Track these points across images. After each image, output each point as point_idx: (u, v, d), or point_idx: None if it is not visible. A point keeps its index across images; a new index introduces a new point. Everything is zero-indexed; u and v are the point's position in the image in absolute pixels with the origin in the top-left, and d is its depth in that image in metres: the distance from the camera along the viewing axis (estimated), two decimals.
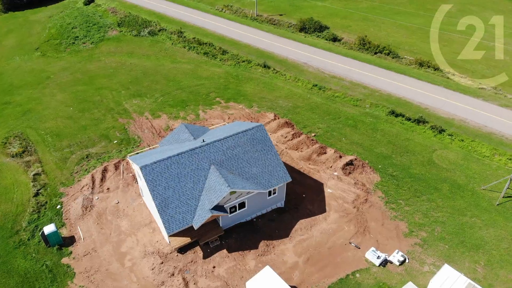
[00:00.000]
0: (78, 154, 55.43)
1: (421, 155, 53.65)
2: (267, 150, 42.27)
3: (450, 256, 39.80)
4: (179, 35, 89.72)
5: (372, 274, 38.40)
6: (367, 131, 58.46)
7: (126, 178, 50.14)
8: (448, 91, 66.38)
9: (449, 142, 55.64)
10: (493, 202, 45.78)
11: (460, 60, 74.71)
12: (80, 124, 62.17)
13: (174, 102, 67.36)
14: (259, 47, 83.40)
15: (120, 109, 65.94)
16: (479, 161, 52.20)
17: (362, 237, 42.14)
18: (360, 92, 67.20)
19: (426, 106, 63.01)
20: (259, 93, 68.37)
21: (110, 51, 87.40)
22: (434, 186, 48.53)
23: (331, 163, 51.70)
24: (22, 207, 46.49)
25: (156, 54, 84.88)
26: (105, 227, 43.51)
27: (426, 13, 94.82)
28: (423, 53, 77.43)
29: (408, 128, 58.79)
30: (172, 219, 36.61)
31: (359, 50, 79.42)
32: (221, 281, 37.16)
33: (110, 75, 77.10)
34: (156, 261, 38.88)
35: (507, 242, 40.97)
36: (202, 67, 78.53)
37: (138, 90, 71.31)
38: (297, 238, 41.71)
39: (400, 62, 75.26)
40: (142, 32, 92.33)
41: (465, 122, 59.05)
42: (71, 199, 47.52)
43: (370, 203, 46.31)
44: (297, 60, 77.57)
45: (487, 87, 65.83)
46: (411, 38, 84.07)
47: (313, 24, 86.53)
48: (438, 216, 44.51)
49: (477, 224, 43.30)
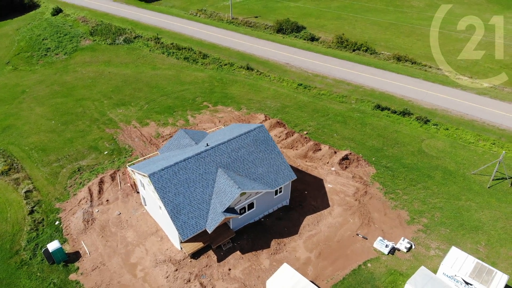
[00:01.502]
0: (68, 168, 53.85)
1: (410, 146, 55.70)
2: (270, 150, 42.75)
3: (453, 239, 41.63)
4: (156, 41, 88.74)
5: (383, 263, 39.59)
6: (357, 126, 60.06)
7: (125, 189, 49.23)
8: (427, 83, 69.24)
9: (435, 132, 58.07)
10: (484, 185, 48.22)
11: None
12: (65, 137, 60.39)
13: (160, 109, 66.63)
14: (239, 50, 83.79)
15: (105, 119, 64.55)
16: (465, 148, 54.81)
17: (368, 228, 43.34)
18: (345, 88, 68.92)
19: (409, 99, 65.46)
20: (246, 95, 68.76)
21: (86, 61, 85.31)
22: (427, 174, 50.53)
23: (327, 159, 52.79)
24: (18, 226, 44.72)
25: (134, 61, 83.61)
26: (111, 239, 42.56)
27: (396, 9, 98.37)
28: (399, 48, 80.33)
29: (394, 121, 60.85)
30: (185, 224, 36.36)
31: (338, 48, 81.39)
32: (238, 283, 37.24)
33: (89, 85, 75.29)
34: (170, 268, 38.45)
35: (502, 221, 43.30)
36: (184, 72, 78.09)
37: (121, 99, 70.04)
38: (306, 234, 42.39)
39: (378, 58, 77.74)
40: (117, 40, 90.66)
41: (448, 112, 61.81)
42: (70, 214, 46.16)
43: (370, 194, 47.67)
44: (279, 60, 78.55)
45: (463, 77, 69.12)
46: (385, 34, 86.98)
47: (290, 25, 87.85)
48: (436, 202, 46.41)
49: (473, 207, 45.49)
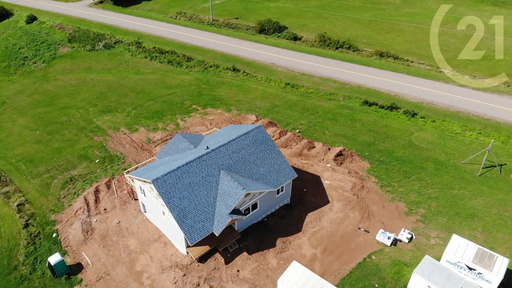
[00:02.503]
0: (60, 178, 52.55)
1: (401, 139, 57.04)
2: (270, 150, 42.99)
3: (450, 227, 42.93)
4: (137, 46, 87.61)
5: (386, 254, 40.44)
6: (347, 122, 61.04)
7: (122, 196, 48.44)
8: (411, 77, 71.06)
9: (423, 124, 59.67)
10: (475, 174, 49.91)
11: (415, 47, 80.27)
12: (53, 147, 58.90)
13: (148, 114, 65.86)
14: (223, 51, 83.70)
15: (93, 127, 63.32)
16: (453, 138, 56.56)
17: (368, 221, 44.16)
18: (332, 86, 69.91)
19: (395, 93, 67.01)
20: (235, 96, 68.78)
21: (66, 68, 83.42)
22: (419, 166, 51.88)
23: (322, 156, 53.46)
24: (14, 241, 43.34)
25: (117, 67, 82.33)
26: (113, 248, 41.81)
27: (373, 6, 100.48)
28: (380, 44, 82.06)
29: (383, 116, 62.16)
30: (192, 229, 36.14)
31: (321, 47, 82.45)
32: (248, 283, 37.29)
33: (72, 93, 73.64)
34: (177, 274, 38.11)
35: (495, 208, 44.94)
36: (169, 76, 77.44)
37: (107, 106, 68.85)
38: (310, 231, 42.83)
39: (361, 55, 79.19)
40: (96, 46, 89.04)
41: (433, 104, 63.62)
42: (67, 225, 45.06)
43: (367, 188, 48.57)
44: (264, 61, 78.92)
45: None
46: (366, 31, 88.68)
47: (272, 25, 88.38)
48: (430, 192, 47.72)
49: (466, 195, 47.02)
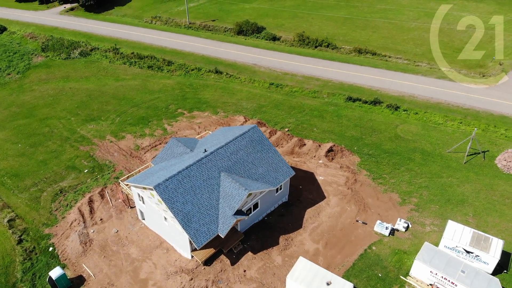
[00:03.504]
0: (49, 191, 51.24)
1: (387, 132, 58.73)
2: (267, 149, 43.46)
3: (443, 214, 44.66)
4: (115, 52, 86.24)
5: (386, 244, 41.66)
6: (333, 118, 62.28)
7: (117, 205, 47.75)
8: (390, 72, 73.21)
9: (406, 117, 61.64)
10: (460, 162, 52.06)
11: (391, 43, 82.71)
12: (37, 159, 57.32)
13: (134, 120, 65.06)
14: (204, 54, 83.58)
15: (77, 136, 62.00)
16: (436, 129, 58.73)
17: (365, 213, 45.34)
18: (315, 84, 71.11)
19: (376, 88, 68.85)
20: (220, 99, 68.87)
21: (42, 78, 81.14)
22: (407, 157, 53.62)
23: (313, 152, 54.38)
24: (9, 258, 42.01)
25: (95, 74, 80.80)
26: (114, 258, 41.19)
27: (347, 4, 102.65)
28: (357, 41, 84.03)
29: (367, 110, 63.79)
30: (198, 232, 36.14)
31: (300, 46, 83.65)
32: (256, 283, 37.61)
33: (51, 103, 71.77)
34: (184, 279, 37.99)
35: (483, 193, 47.06)
36: (150, 81, 76.68)
37: (90, 114, 67.54)
38: (310, 226, 43.58)
39: (340, 52, 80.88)
40: (72, 54, 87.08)
41: (414, 97, 65.81)
42: (63, 238, 44.03)
43: (360, 182, 49.81)
44: (246, 62, 79.33)
45: (422, 64, 73.83)
46: (342, 29, 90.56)
47: (250, 26, 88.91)
48: (420, 182, 49.44)
49: (454, 182, 48.99)
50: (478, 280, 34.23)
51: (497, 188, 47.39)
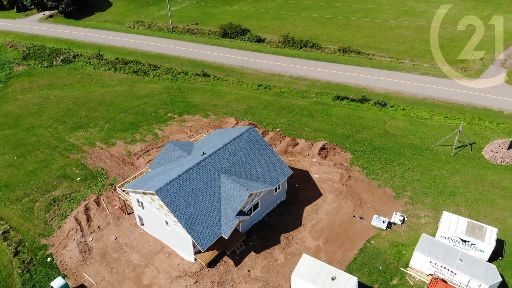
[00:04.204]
0: (42, 201, 50.41)
1: (376, 129, 60.04)
2: (264, 149, 43.92)
3: (437, 206, 46.02)
4: (99, 58, 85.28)
5: (384, 237, 42.67)
6: (323, 117, 63.26)
7: (113, 212, 47.35)
8: (375, 70, 74.80)
9: (394, 113, 63.14)
10: (449, 155, 53.69)
11: (374, 42, 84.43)
12: (27, 169, 56.29)
13: (123, 126, 64.56)
14: (189, 57, 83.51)
15: (66, 145, 61.13)
16: (423, 124, 60.38)
17: (361, 209, 46.31)
18: (303, 84, 72.02)
19: (363, 86, 70.25)
20: (210, 101, 69.01)
21: (25, 87, 79.57)
22: (398, 152, 54.97)
23: (306, 151, 55.16)
24: (7, 270, 41.17)
25: (80, 81, 79.74)
26: (115, 265, 40.88)
27: (328, 4, 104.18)
28: (341, 40, 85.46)
29: (355, 108, 65.04)
30: (201, 234, 36.28)
31: (286, 47, 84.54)
32: (260, 282, 37.98)
33: (36, 112, 70.50)
34: (189, 282, 38.03)
35: (473, 183, 48.71)
36: (137, 86, 76.20)
37: (77, 122, 66.67)
38: (309, 224, 44.24)
39: (325, 52, 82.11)
40: (54, 62, 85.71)
41: (400, 94, 67.45)
42: (60, 248, 43.41)
43: (354, 178, 50.82)
44: (233, 64, 79.67)
45: (405, 61, 75.69)
46: (325, 29, 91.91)
47: (234, 29, 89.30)
48: (412, 175, 50.79)
49: (445, 175, 50.51)
50: (476, 267, 35.48)
51: (486, 179, 49.12)
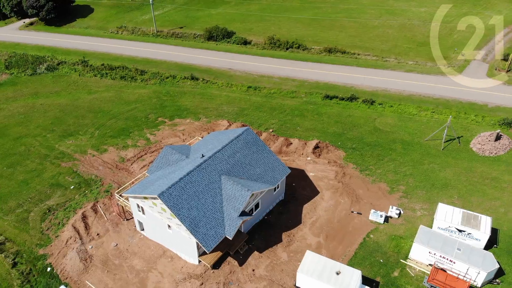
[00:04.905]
0: (36, 211, 49.65)
1: (366, 126, 61.28)
2: (261, 150, 44.40)
3: (431, 198, 47.36)
4: (84, 65, 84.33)
5: (382, 231, 43.69)
6: (314, 116, 64.19)
7: (111, 219, 47.02)
8: (361, 69, 76.30)
9: (382, 110, 64.55)
10: (438, 148, 55.27)
11: (358, 41, 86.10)
12: (18, 179, 55.29)
13: (114, 132, 64.05)
14: (176, 61, 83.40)
15: (56, 153, 60.28)
16: (412, 119, 61.95)
17: (358, 204, 47.27)
18: (292, 85, 72.89)
19: (351, 85, 71.56)
20: (200, 104, 69.11)
21: (9, 96, 77.97)
22: (389, 148, 56.27)
23: (301, 151, 55.91)
24: (6, 282, 40.43)
25: (65, 89, 78.67)
26: (118, 271, 40.65)
27: (311, 5, 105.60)
28: (326, 41, 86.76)
29: (345, 107, 66.21)
30: (206, 236, 36.47)
31: (272, 49, 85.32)
32: (266, 280, 38.39)
33: (23, 121, 69.19)
34: (194, 284, 38.14)
35: (464, 175, 50.30)
36: (125, 92, 75.66)
37: (66, 130, 65.79)
38: (309, 221, 44.91)
39: (311, 53, 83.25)
40: (38, 70, 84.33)
41: (387, 91, 69.01)
42: (60, 257, 42.88)
43: (349, 175, 51.80)
44: (221, 67, 79.97)
45: (390, 59, 77.49)
46: (309, 30, 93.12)
47: (220, 32, 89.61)
48: (405, 170, 52.10)
49: (436, 168, 51.99)
50: (473, 255, 36.75)
51: (475, 170, 50.80)
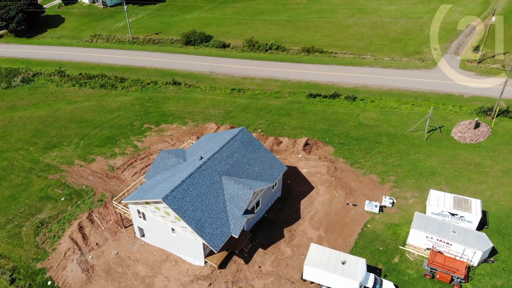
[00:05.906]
0: (28, 226, 48.47)
1: (351, 121, 63.15)
2: (258, 149, 45.15)
3: (420, 186, 49.47)
4: (61, 75, 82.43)
5: (378, 221, 45.32)
6: (300, 115, 65.52)
7: (109, 228, 46.50)
8: (340, 67, 78.39)
9: (365, 105, 66.67)
10: (422, 139, 57.70)
11: (334, 40, 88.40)
12: (4, 195, 53.75)
13: (99, 141, 63.17)
14: (156, 67, 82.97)
15: (42, 166, 58.89)
16: (394, 113, 64.31)
17: (353, 196, 48.79)
18: (275, 85, 74.03)
19: (332, 83, 73.44)
20: (185, 109, 69.11)
21: None
22: (375, 141, 58.26)
23: (291, 148, 57.02)
24: None
25: (43, 100, 76.72)
26: (123, 279, 40.30)
27: (284, 7, 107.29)
28: (303, 41, 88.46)
29: (328, 104, 67.93)
30: (213, 236, 36.82)
31: (251, 51, 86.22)
32: (273, 276, 39.08)
33: (2, 135, 67.05)
34: (202, 285, 38.34)
35: (449, 163, 52.79)
36: (106, 100, 74.63)
37: (49, 142, 64.32)
38: (308, 216, 45.98)
39: (290, 53, 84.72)
40: (13, 82, 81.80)
41: (367, 87, 71.29)
42: (60, 270, 42.10)
43: (340, 169, 53.32)
44: (202, 71, 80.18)
45: (367, 56, 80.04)
46: (285, 31, 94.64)
47: (198, 36, 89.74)
48: (393, 161, 54.13)
49: (422, 158, 54.28)
50: (468, 236, 38.79)
51: (459, 157, 53.42)
